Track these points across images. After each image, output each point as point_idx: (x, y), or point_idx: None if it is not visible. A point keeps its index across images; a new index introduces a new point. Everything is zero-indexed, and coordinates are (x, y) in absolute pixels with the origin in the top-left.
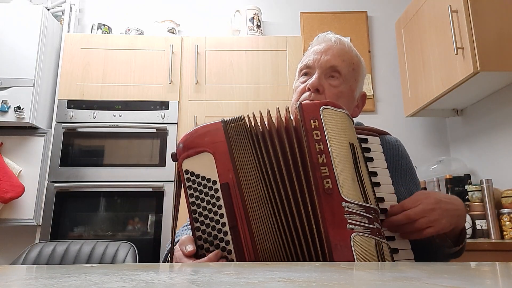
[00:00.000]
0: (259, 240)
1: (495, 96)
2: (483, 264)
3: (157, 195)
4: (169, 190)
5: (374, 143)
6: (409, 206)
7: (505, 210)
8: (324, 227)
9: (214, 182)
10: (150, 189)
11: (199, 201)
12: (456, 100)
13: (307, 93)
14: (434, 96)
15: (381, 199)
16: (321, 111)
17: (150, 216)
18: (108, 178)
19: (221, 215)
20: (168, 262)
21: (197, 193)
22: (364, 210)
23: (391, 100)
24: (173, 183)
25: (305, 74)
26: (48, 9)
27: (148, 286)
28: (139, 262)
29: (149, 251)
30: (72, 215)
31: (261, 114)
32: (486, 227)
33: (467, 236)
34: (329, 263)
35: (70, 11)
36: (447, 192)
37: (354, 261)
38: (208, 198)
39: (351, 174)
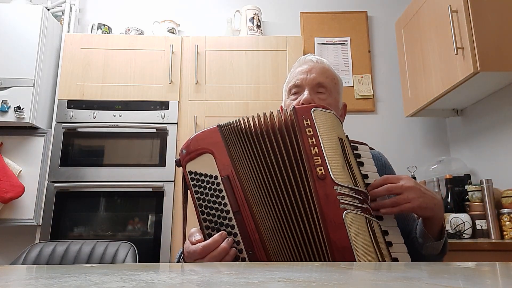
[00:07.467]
0: (261, 221)
1: (495, 96)
2: (483, 264)
3: (157, 195)
4: (169, 190)
5: (363, 150)
6: (392, 180)
7: (505, 210)
8: (319, 207)
9: (216, 177)
10: (150, 189)
11: (203, 196)
12: (456, 100)
13: None
14: (434, 96)
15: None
16: (312, 112)
17: (150, 216)
18: (108, 178)
19: (225, 204)
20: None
21: (201, 189)
22: (354, 192)
23: (391, 100)
24: (173, 183)
25: (295, 93)
26: (48, 9)
27: (148, 286)
28: (139, 262)
29: (149, 251)
30: (72, 215)
31: (257, 116)
32: (486, 227)
33: (467, 236)
34: (329, 263)
35: (70, 11)
36: (447, 192)
37: (348, 235)
38: (212, 191)
39: (341, 163)
